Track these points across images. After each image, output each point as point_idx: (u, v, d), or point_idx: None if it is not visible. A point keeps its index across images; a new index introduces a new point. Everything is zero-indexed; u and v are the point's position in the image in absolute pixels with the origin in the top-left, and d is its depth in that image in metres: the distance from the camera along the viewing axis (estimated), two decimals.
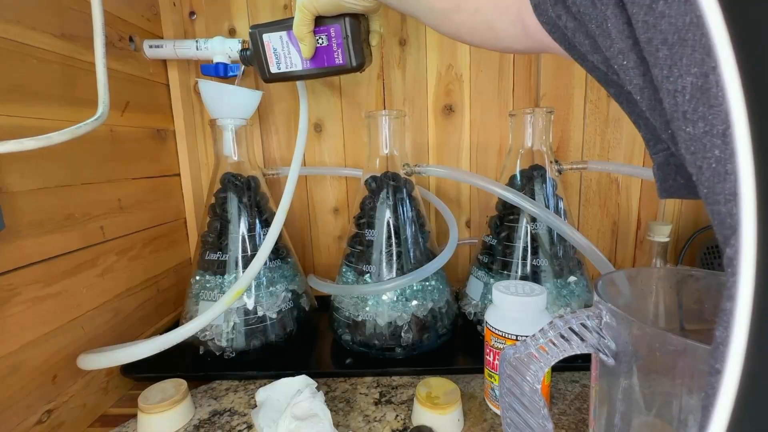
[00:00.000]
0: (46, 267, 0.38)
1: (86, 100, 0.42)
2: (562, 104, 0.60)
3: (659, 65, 0.14)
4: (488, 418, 0.38)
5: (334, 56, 0.41)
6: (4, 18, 0.35)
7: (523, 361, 0.23)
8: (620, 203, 0.63)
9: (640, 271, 0.31)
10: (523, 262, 0.47)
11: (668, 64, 0.14)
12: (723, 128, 0.12)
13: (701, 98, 0.13)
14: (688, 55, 0.13)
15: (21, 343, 0.35)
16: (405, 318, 0.45)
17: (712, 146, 0.13)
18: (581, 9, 0.18)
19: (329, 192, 0.66)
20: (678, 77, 0.14)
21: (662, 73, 0.14)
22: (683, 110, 0.14)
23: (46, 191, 0.38)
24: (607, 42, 0.17)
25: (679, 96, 0.14)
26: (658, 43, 0.14)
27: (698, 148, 0.13)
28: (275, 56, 0.43)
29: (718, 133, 0.12)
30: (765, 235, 0.11)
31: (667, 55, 0.14)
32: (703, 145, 0.13)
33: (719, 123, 0.12)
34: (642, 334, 0.22)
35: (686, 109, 0.13)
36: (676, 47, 0.13)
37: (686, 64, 0.13)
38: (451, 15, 0.28)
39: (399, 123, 0.48)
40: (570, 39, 0.21)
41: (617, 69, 0.17)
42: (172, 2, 0.58)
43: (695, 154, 0.14)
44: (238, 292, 0.42)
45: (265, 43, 0.42)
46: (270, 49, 0.42)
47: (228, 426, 0.38)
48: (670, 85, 0.14)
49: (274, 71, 0.44)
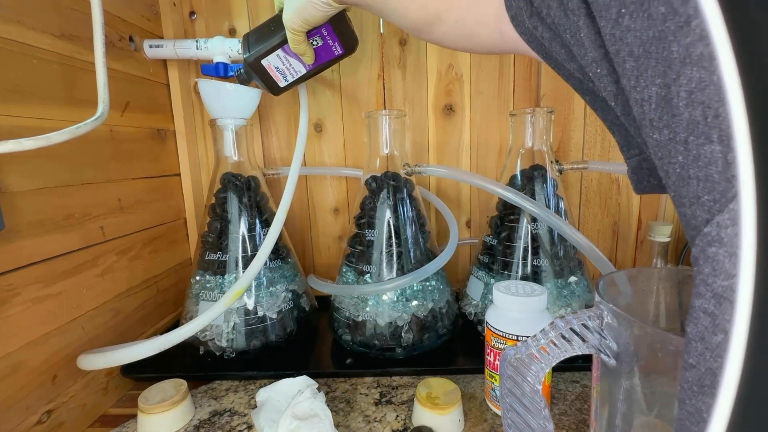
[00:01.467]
0: (46, 267, 0.38)
1: (86, 100, 0.42)
2: (563, 104, 0.60)
3: (627, 76, 0.15)
4: (489, 418, 0.38)
5: (332, 50, 0.42)
6: (4, 18, 0.35)
7: (524, 361, 0.23)
8: (621, 203, 0.63)
9: (640, 271, 0.31)
10: (523, 262, 0.47)
11: (635, 74, 0.14)
12: (685, 136, 0.13)
13: (665, 107, 0.13)
14: (652, 66, 0.14)
15: (21, 343, 0.35)
16: (405, 318, 0.45)
17: (676, 152, 0.13)
18: (555, 20, 0.19)
19: (329, 192, 0.66)
20: (644, 87, 0.14)
21: (630, 83, 0.15)
22: (650, 118, 0.14)
23: (46, 191, 0.38)
24: (581, 51, 0.18)
25: (645, 105, 0.14)
26: (625, 55, 0.15)
27: (664, 154, 0.14)
28: (280, 73, 0.44)
29: (681, 140, 0.13)
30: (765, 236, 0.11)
31: (633, 66, 0.14)
32: (668, 151, 0.14)
33: (681, 131, 0.13)
34: (643, 334, 0.22)
35: (653, 117, 0.14)
36: (642, 59, 0.14)
37: (651, 75, 0.14)
38: (432, 27, 0.29)
39: (399, 123, 0.48)
40: (547, 48, 0.22)
41: (592, 77, 0.18)
42: (172, 2, 0.58)
43: (662, 159, 0.14)
44: (238, 292, 0.42)
45: (266, 66, 0.43)
46: (272, 69, 0.43)
47: (228, 426, 0.38)
48: (637, 95, 0.15)
49: (282, 86, 0.45)
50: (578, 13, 0.17)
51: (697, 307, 0.13)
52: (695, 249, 0.13)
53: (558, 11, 0.18)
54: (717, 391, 0.12)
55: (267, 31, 0.41)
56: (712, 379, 0.13)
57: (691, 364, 0.13)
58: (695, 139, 0.13)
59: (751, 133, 0.11)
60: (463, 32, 0.28)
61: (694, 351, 0.13)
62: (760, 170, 0.11)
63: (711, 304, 0.13)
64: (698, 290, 0.13)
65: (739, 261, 0.12)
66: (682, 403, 0.14)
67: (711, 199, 0.13)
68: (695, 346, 0.13)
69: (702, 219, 0.13)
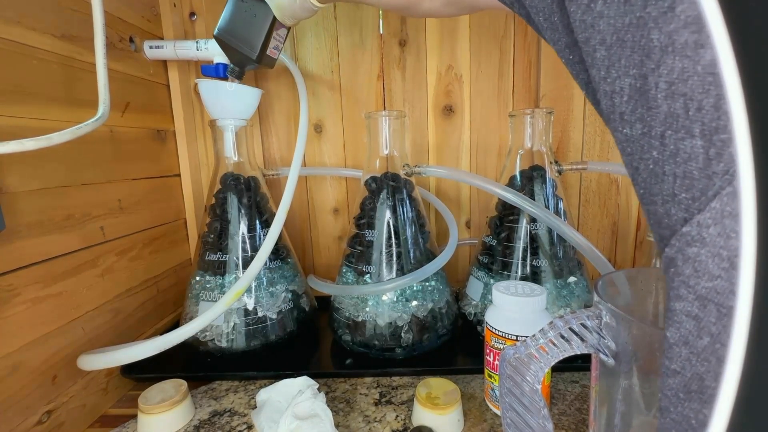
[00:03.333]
0: (46, 267, 0.38)
1: (86, 100, 0.42)
2: (562, 105, 0.60)
3: (596, 66, 0.14)
4: (488, 418, 0.38)
5: None
6: (4, 18, 0.35)
7: (523, 361, 0.23)
8: (620, 204, 0.63)
9: (639, 271, 0.31)
10: (523, 262, 0.47)
11: (605, 65, 0.14)
12: (661, 130, 0.12)
13: (640, 100, 0.13)
14: (626, 56, 0.13)
15: (21, 344, 0.35)
16: (405, 318, 0.45)
17: (649, 147, 0.13)
18: (528, 1, 0.18)
19: (329, 192, 0.66)
20: (616, 78, 0.13)
21: (599, 74, 0.14)
22: (620, 111, 0.13)
23: (46, 192, 0.38)
24: (555, 35, 0.17)
25: (616, 97, 0.14)
26: (596, 43, 0.14)
27: (635, 150, 0.13)
28: (276, 49, 0.44)
29: (657, 135, 0.12)
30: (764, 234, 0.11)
31: (604, 55, 0.14)
32: (640, 146, 0.13)
33: (658, 125, 0.12)
34: (642, 334, 0.22)
35: (623, 110, 0.13)
36: (615, 48, 0.13)
37: (624, 66, 0.13)
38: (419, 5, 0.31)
39: (399, 123, 0.48)
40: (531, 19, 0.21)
41: (565, 63, 0.17)
42: (172, 3, 0.58)
43: (631, 155, 0.14)
44: (238, 292, 0.42)
45: (269, 53, 0.43)
46: (272, 52, 0.44)
47: (228, 426, 0.38)
48: (607, 86, 0.14)
49: (276, 58, 0.46)
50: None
51: (679, 310, 0.13)
52: (671, 249, 0.13)
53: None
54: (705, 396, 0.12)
55: (255, 20, 0.40)
56: (699, 384, 0.12)
57: (674, 370, 0.13)
58: (674, 133, 0.12)
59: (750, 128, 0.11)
60: (444, 2, 0.29)
61: (678, 356, 0.13)
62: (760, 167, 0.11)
63: (694, 306, 0.12)
64: (678, 292, 0.13)
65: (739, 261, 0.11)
66: (666, 411, 0.13)
67: (689, 197, 0.12)
68: (678, 351, 0.13)
69: (678, 218, 0.12)
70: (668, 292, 0.13)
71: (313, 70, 0.62)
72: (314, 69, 0.62)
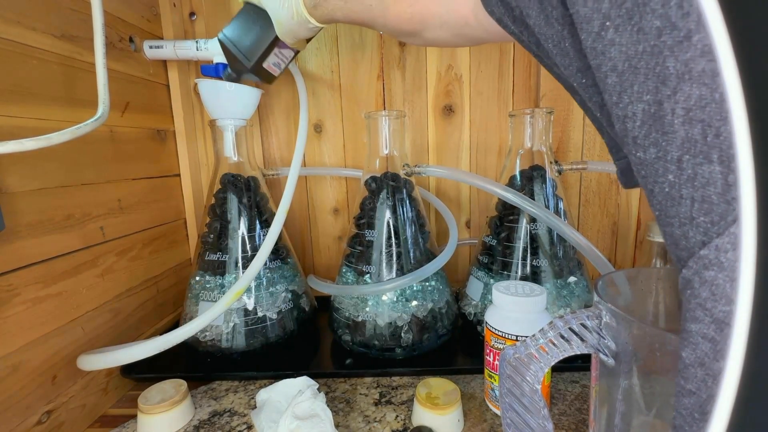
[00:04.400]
0: (45, 267, 0.38)
1: (86, 100, 0.42)
2: (562, 105, 0.60)
3: (608, 91, 0.14)
4: (488, 418, 0.38)
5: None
6: (4, 18, 0.35)
7: (523, 361, 0.23)
8: (620, 203, 0.63)
9: (639, 271, 0.31)
10: (523, 262, 0.47)
11: (617, 90, 0.14)
12: (678, 154, 0.12)
13: (654, 125, 0.13)
14: (640, 82, 0.13)
15: (21, 344, 0.35)
16: (405, 318, 0.45)
17: (665, 171, 0.13)
18: (536, 29, 0.18)
19: (329, 192, 0.66)
20: (628, 104, 0.14)
21: (611, 99, 0.14)
22: (633, 135, 0.14)
23: (46, 192, 0.38)
24: (565, 60, 0.17)
25: (629, 122, 0.14)
26: (607, 69, 0.14)
27: (649, 173, 0.13)
28: (276, 66, 0.45)
29: (673, 159, 0.13)
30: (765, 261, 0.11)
31: (616, 81, 0.14)
32: (654, 170, 0.13)
33: (674, 149, 0.12)
34: (642, 334, 0.22)
35: (637, 135, 0.14)
36: (627, 74, 0.13)
37: (637, 92, 0.13)
38: (420, 33, 0.30)
39: (399, 123, 0.48)
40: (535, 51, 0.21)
41: (577, 87, 0.18)
42: (172, 3, 0.58)
43: (646, 178, 0.14)
44: (238, 292, 0.42)
45: (266, 67, 0.44)
46: (270, 67, 0.44)
47: (228, 426, 0.38)
48: (619, 111, 0.14)
49: (277, 75, 0.46)
50: (563, 21, 0.16)
51: (695, 332, 0.13)
52: (688, 271, 0.13)
53: (540, 19, 0.18)
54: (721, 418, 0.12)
55: (258, 33, 0.41)
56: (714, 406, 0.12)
57: (690, 390, 0.13)
58: (692, 158, 0.12)
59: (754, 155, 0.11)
60: (449, 33, 0.29)
61: (693, 377, 0.13)
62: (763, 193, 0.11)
63: (711, 329, 0.12)
64: (694, 314, 0.13)
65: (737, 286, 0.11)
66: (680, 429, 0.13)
67: (708, 221, 0.12)
68: (694, 372, 0.13)
69: (696, 241, 0.12)
70: (684, 313, 0.13)
71: (313, 70, 0.62)
72: (314, 69, 0.62)
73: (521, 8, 0.19)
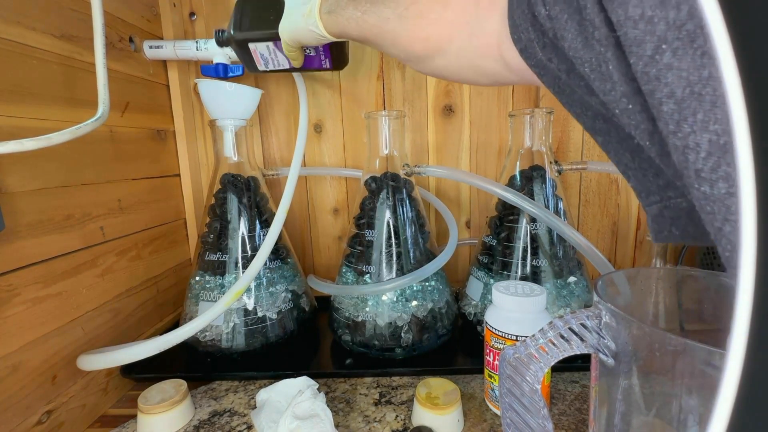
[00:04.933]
0: (45, 267, 0.38)
1: (86, 100, 0.42)
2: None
3: (664, 119, 0.13)
4: (488, 418, 0.38)
5: (321, 62, 0.43)
6: (4, 18, 0.35)
7: (523, 361, 0.23)
8: (620, 203, 0.63)
9: (639, 271, 0.31)
10: (522, 262, 0.47)
11: (675, 119, 0.13)
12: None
13: (724, 157, 0.12)
14: (705, 110, 0.12)
15: (21, 344, 0.35)
16: (405, 318, 0.45)
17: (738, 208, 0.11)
18: (571, 53, 0.17)
19: (329, 192, 0.66)
20: (690, 133, 0.12)
21: (668, 128, 0.13)
22: (696, 168, 0.12)
23: (46, 192, 0.38)
24: (606, 86, 0.16)
25: (690, 153, 0.12)
26: (663, 96, 0.13)
27: (718, 209, 0.12)
28: (262, 59, 0.43)
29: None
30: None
31: (674, 109, 0.13)
32: (725, 206, 0.12)
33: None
34: (642, 334, 0.22)
35: (701, 168, 0.12)
36: (687, 102, 0.12)
37: (702, 121, 0.12)
38: (431, 59, 0.27)
39: (399, 123, 0.48)
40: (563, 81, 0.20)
41: (620, 114, 0.16)
42: (172, 3, 0.58)
43: (713, 214, 0.12)
44: (237, 292, 0.42)
45: (251, 49, 0.42)
46: (256, 54, 0.43)
47: (228, 426, 0.38)
48: (678, 141, 0.13)
49: (261, 69, 0.45)
50: (606, 43, 0.15)
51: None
52: None
53: (576, 42, 0.16)
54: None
55: (266, 18, 0.40)
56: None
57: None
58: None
59: None
60: (465, 62, 0.26)
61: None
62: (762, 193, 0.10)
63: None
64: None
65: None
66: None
67: None
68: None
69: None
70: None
71: None
72: None
73: (555, 30, 0.18)
